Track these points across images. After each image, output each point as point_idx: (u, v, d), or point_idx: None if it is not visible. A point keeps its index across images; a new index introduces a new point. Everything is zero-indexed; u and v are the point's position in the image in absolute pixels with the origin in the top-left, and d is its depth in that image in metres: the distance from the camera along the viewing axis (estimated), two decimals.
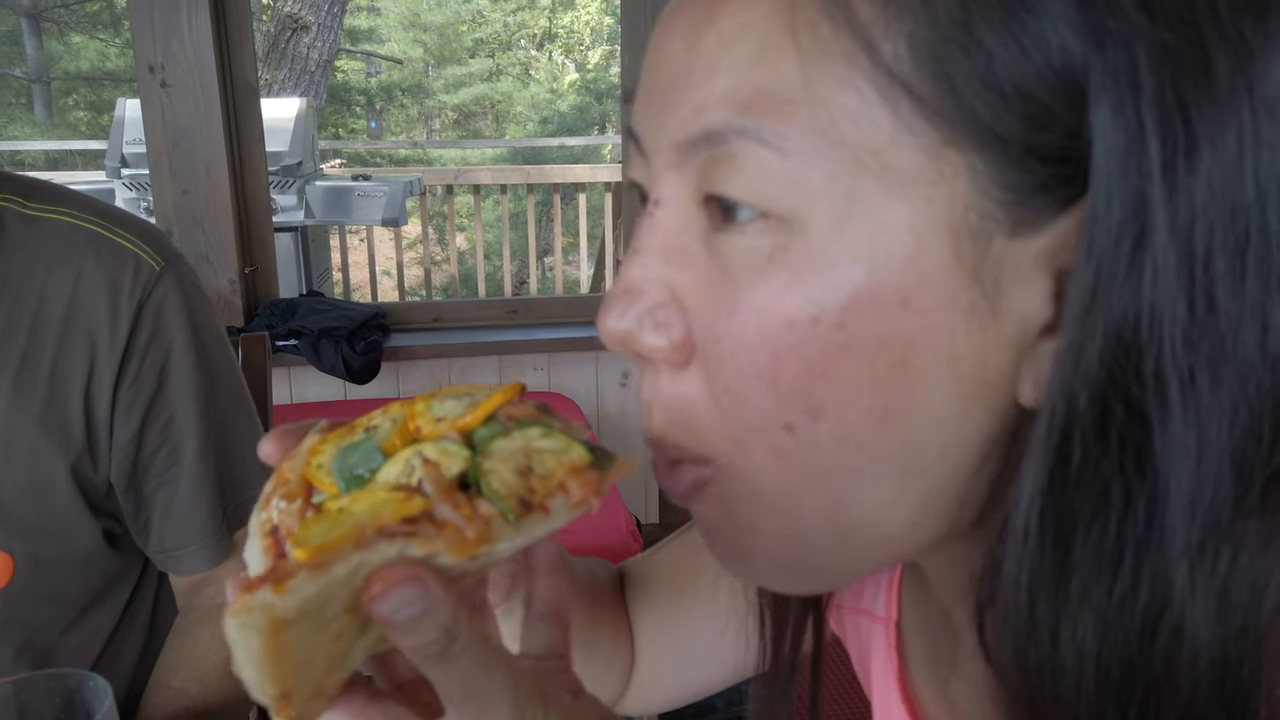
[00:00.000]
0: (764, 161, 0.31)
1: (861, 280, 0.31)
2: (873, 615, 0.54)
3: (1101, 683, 0.31)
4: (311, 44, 5.96)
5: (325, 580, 0.31)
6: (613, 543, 1.92)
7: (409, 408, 0.38)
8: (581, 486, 0.36)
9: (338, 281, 5.02)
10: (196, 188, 2.62)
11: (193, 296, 0.95)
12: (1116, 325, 0.29)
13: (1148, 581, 0.30)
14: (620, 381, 3.03)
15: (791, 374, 0.32)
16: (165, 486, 0.92)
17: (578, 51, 11.12)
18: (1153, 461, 0.29)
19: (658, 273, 0.35)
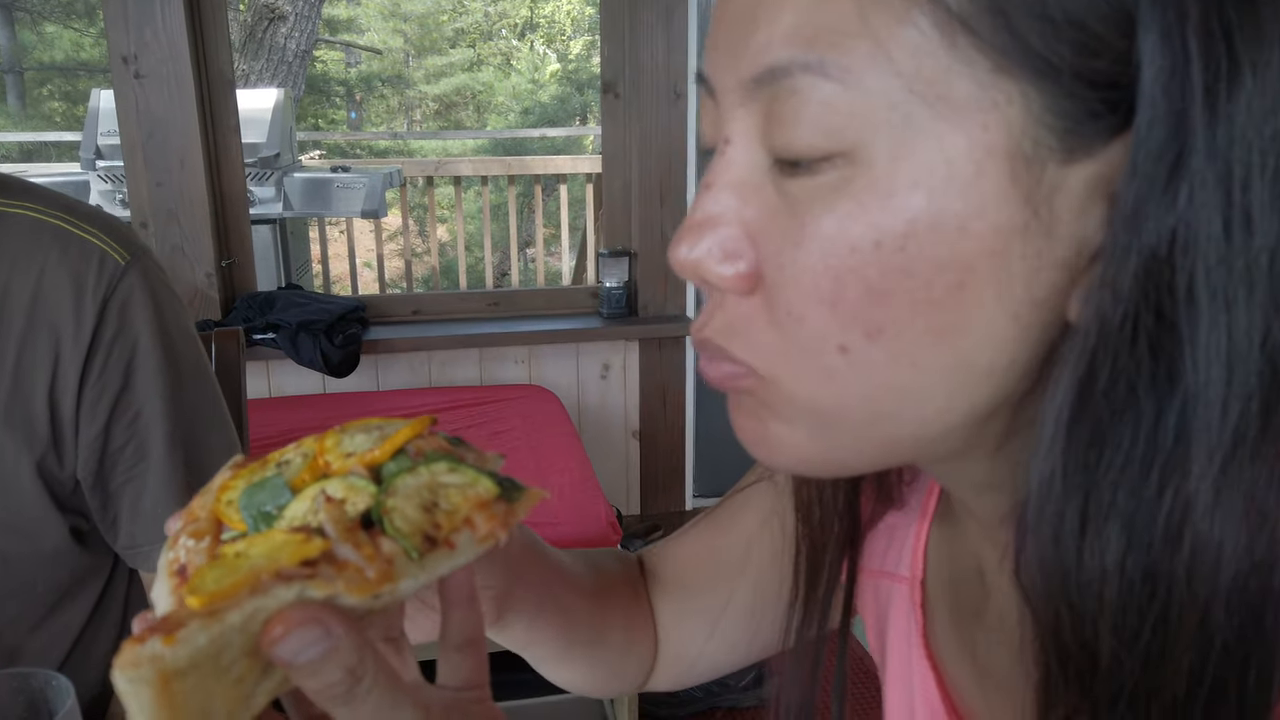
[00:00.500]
0: (827, 95, 0.32)
1: (922, 206, 0.32)
2: (895, 576, 0.55)
3: (1123, 593, 0.32)
4: (289, 34, 5.90)
5: (219, 628, 0.31)
6: (593, 534, 1.92)
7: (319, 442, 0.38)
8: (488, 521, 0.36)
9: (317, 274, 4.99)
10: (171, 180, 2.60)
11: (159, 291, 0.94)
12: (1154, 242, 0.30)
13: (1173, 491, 0.31)
14: (601, 373, 3.03)
15: (852, 296, 0.33)
16: (133, 483, 0.92)
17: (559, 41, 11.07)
18: (1183, 374, 0.30)
19: (729, 206, 0.36)
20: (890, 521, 0.56)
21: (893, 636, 0.55)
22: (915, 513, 0.54)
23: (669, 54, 2.84)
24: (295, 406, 2.59)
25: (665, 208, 2.94)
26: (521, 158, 6.21)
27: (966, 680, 0.49)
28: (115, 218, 0.97)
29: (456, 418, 2.52)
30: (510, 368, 2.95)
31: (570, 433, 2.45)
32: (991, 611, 0.48)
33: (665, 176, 2.92)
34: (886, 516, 0.56)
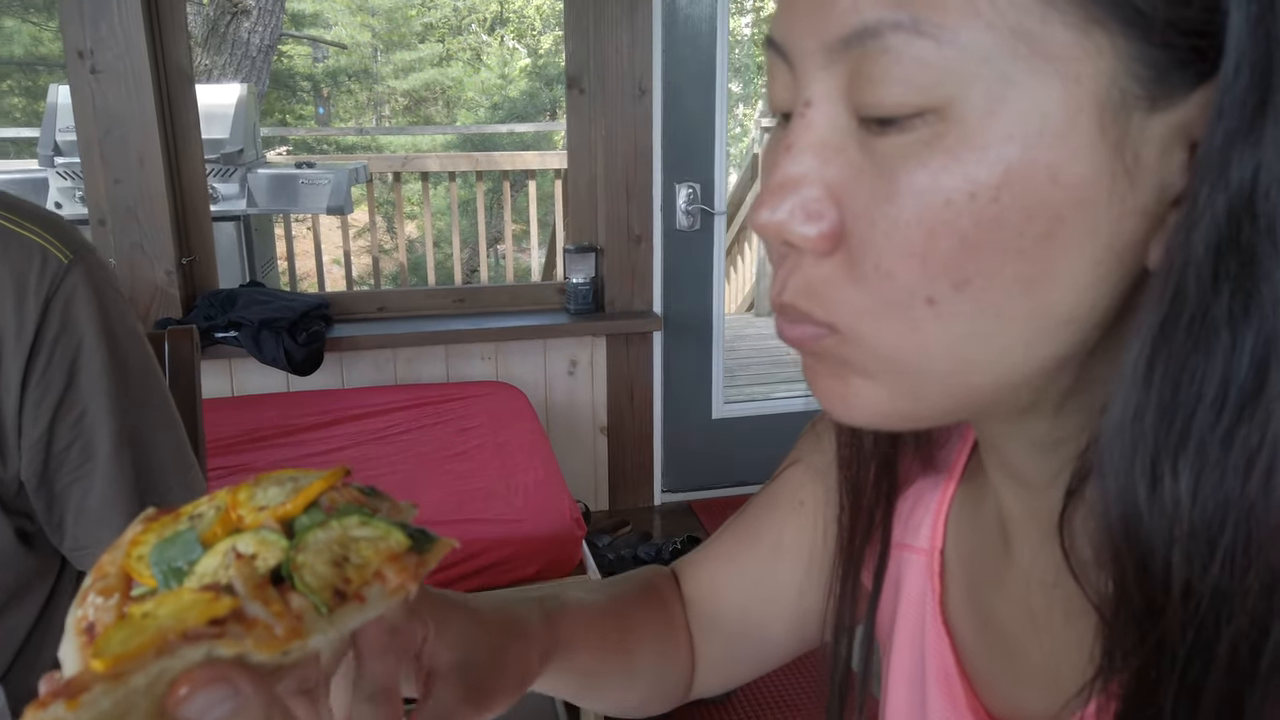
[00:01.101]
0: (920, 51, 0.32)
1: (1016, 156, 0.33)
2: (912, 547, 0.56)
3: (1197, 523, 0.33)
4: (253, 29, 5.83)
5: (124, 691, 0.31)
6: (557, 530, 1.92)
7: (232, 495, 0.38)
8: (399, 573, 0.36)
9: (284, 271, 4.94)
10: (130, 177, 2.57)
11: (103, 290, 0.93)
12: (1238, 183, 0.31)
13: (1248, 422, 0.32)
14: (568, 369, 3.03)
15: (944, 249, 0.34)
16: (79, 483, 0.91)
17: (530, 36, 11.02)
18: (1261, 309, 0.32)
19: (811, 167, 0.36)
20: (913, 492, 0.57)
21: (904, 606, 0.56)
22: (939, 483, 0.55)
23: (634, 50, 2.83)
24: (258, 405, 2.57)
25: (631, 203, 2.94)
26: (489, 153, 6.18)
27: (980, 647, 0.50)
28: (58, 216, 0.96)
29: (421, 415, 2.51)
30: (477, 364, 2.94)
31: (536, 429, 2.45)
32: (1012, 577, 0.49)
33: (631, 172, 2.92)
34: (913, 487, 0.57)
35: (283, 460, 2.26)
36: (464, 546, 1.75)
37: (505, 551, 1.86)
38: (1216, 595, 0.33)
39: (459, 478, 2.14)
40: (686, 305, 3.09)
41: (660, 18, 2.84)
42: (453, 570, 1.84)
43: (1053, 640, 0.46)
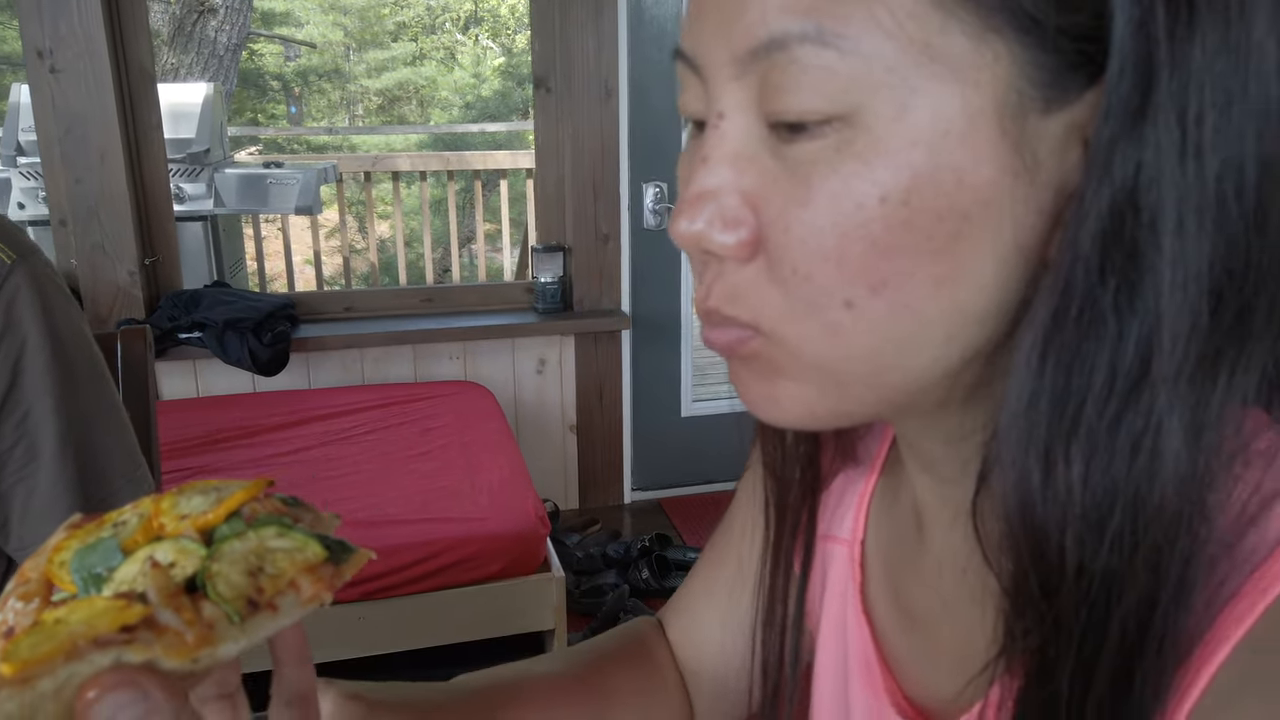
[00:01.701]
0: (826, 61, 0.34)
1: (922, 161, 0.34)
2: (836, 539, 0.58)
3: (1088, 506, 0.35)
4: (219, 27, 5.78)
5: (30, 695, 0.31)
6: (521, 528, 1.92)
7: (156, 504, 0.38)
8: (314, 583, 0.37)
9: (253, 272, 4.91)
10: (91, 177, 2.54)
11: (47, 291, 0.93)
12: (1123, 178, 0.33)
13: (1134, 408, 0.34)
14: (537, 368, 3.03)
15: (858, 252, 0.35)
16: (24, 483, 0.91)
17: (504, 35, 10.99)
18: (1144, 298, 0.33)
19: (726, 177, 0.37)
20: (838, 485, 0.59)
21: (829, 595, 0.57)
22: (861, 476, 0.57)
23: (600, 50, 2.84)
24: (223, 406, 2.56)
25: (599, 202, 2.95)
26: (461, 153, 6.17)
27: (898, 632, 0.52)
28: (3, 217, 0.95)
29: (387, 415, 2.51)
30: (445, 364, 2.94)
31: (503, 428, 2.45)
32: (926, 562, 0.50)
33: (598, 172, 2.92)
34: (838, 481, 0.59)
35: (247, 460, 2.25)
36: (429, 545, 1.75)
37: (469, 550, 1.86)
38: (1107, 575, 0.35)
39: (424, 477, 2.14)
40: (655, 304, 3.10)
41: (626, 19, 2.85)
42: (418, 568, 1.84)
43: (963, 623, 0.47)
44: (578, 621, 2.42)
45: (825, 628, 0.58)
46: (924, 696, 0.49)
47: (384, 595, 1.84)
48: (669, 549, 2.75)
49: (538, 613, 1.91)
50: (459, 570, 1.85)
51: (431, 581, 1.84)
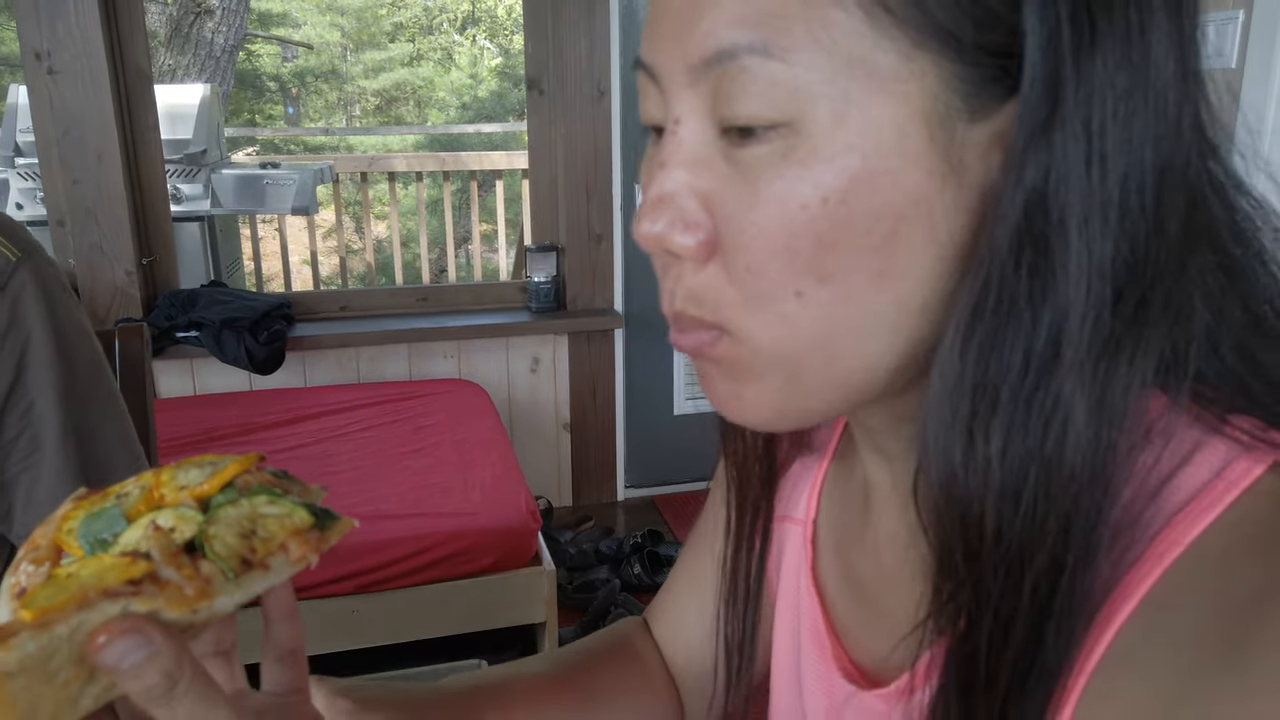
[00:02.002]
0: (772, 72, 0.37)
1: (858, 165, 0.37)
2: (792, 519, 0.61)
3: (1005, 478, 0.38)
4: (216, 28, 5.81)
5: (48, 637, 0.35)
6: (512, 523, 1.95)
7: (156, 477, 0.42)
8: (301, 545, 0.41)
9: (250, 272, 4.93)
10: (89, 177, 2.57)
11: (51, 288, 0.96)
12: (1035, 181, 0.36)
13: (1045, 388, 0.37)
14: (531, 367, 3.06)
15: (805, 247, 0.38)
16: (28, 472, 0.94)
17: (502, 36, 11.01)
18: (1055, 290, 0.37)
19: (683, 181, 0.40)
20: (795, 470, 0.63)
21: (785, 572, 0.61)
22: (816, 461, 0.61)
23: (592, 51, 2.87)
24: (220, 404, 2.58)
25: (592, 203, 2.98)
26: (457, 153, 6.19)
27: (846, 604, 0.56)
28: (7, 216, 0.99)
29: (382, 413, 2.54)
30: (439, 363, 2.97)
31: (496, 425, 2.48)
32: (872, 536, 0.54)
33: (591, 172, 2.95)
34: (796, 466, 0.63)
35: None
36: (421, 539, 1.79)
37: (461, 544, 1.89)
38: (1022, 541, 0.38)
39: (417, 473, 2.17)
40: (647, 303, 3.13)
41: (618, 20, 2.88)
42: (411, 562, 1.87)
43: (905, 594, 0.51)
44: (570, 616, 2.45)
45: (781, 603, 0.62)
46: (868, 661, 0.53)
47: (377, 589, 1.87)
48: (661, 545, 2.79)
49: (529, 606, 1.94)
50: (451, 564, 1.88)
51: (424, 575, 1.88)
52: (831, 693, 0.54)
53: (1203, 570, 0.37)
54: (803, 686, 0.58)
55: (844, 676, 0.53)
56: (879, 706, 0.50)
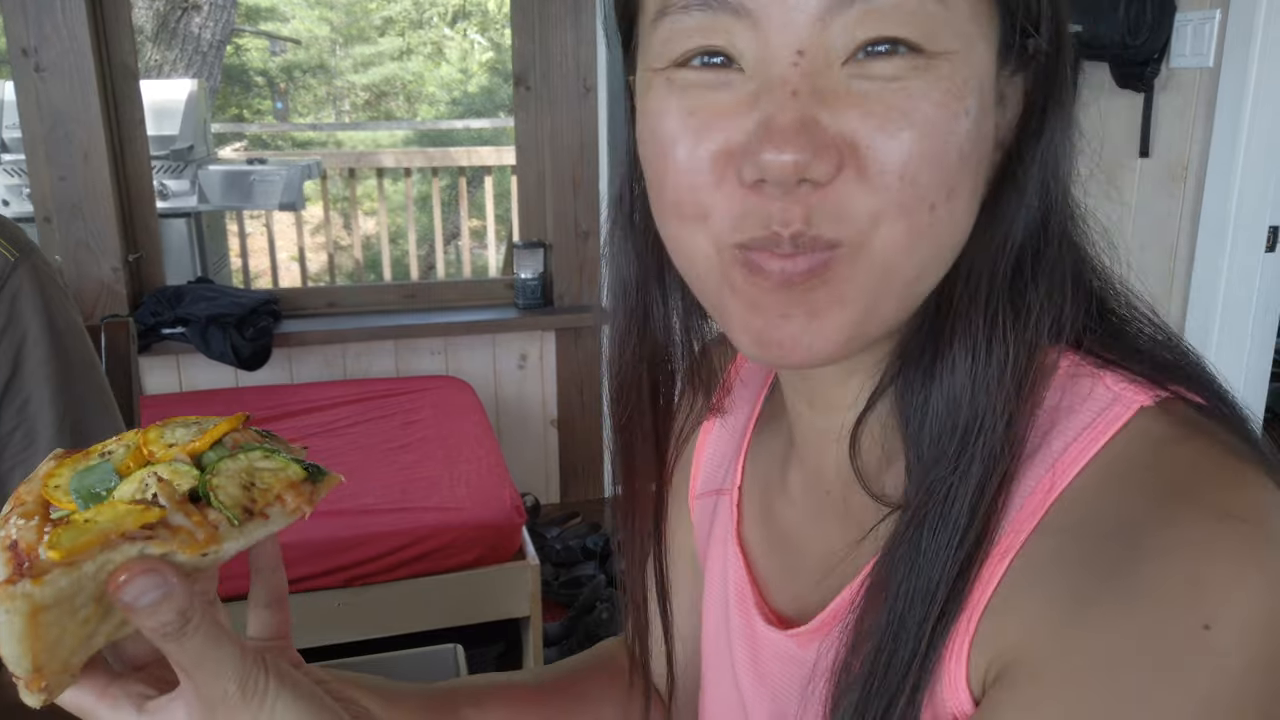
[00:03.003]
0: (930, 10, 0.41)
1: (977, 92, 0.43)
2: (722, 490, 0.65)
3: (954, 405, 0.45)
4: (203, 24, 5.80)
5: (76, 575, 0.39)
6: (496, 517, 1.97)
7: (142, 435, 0.45)
8: (295, 497, 0.44)
9: (238, 269, 4.93)
10: (75, 174, 2.58)
11: (47, 287, 0.98)
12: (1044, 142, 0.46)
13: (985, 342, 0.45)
14: (518, 364, 3.07)
15: (952, 159, 0.42)
16: (22, 465, 0.96)
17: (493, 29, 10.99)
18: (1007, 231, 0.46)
19: (815, 110, 0.42)
20: (712, 443, 0.67)
21: (714, 537, 0.65)
22: (739, 434, 0.65)
23: (578, 47, 2.89)
24: (206, 401, 2.59)
25: (579, 199, 2.99)
26: (445, 149, 6.20)
27: (768, 555, 0.60)
28: (4, 218, 1.01)
29: (368, 409, 2.55)
30: (426, 359, 2.98)
31: (481, 421, 2.50)
32: (796, 491, 0.58)
33: (578, 168, 2.97)
34: (715, 442, 0.67)
35: None
36: (407, 533, 1.81)
37: (446, 538, 1.91)
38: (950, 482, 0.45)
39: (403, 468, 2.19)
40: None
41: (604, 17, 2.89)
42: (396, 556, 1.89)
43: (823, 537, 0.55)
44: (556, 612, 2.47)
45: (710, 570, 0.65)
46: (789, 606, 0.57)
47: (363, 582, 1.88)
48: None
49: (514, 600, 1.96)
50: (436, 558, 1.90)
51: (410, 569, 1.89)
52: (754, 640, 0.58)
53: (1085, 500, 0.43)
54: (731, 641, 0.60)
55: (765, 622, 0.57)
56: (792, 647, 0.54)
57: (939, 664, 0.44)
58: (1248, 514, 0.39)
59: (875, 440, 0.51)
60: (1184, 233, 2.18)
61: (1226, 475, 0.41)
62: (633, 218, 0.56)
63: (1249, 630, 0.37)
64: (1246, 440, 0.44)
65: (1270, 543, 0.39)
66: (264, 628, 0.51)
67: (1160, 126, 2.20)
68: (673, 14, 0.44)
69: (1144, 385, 0.46)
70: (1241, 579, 0.38)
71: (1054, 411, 0.46)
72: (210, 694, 0.42)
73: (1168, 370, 0.47)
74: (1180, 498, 0.40)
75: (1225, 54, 2.05)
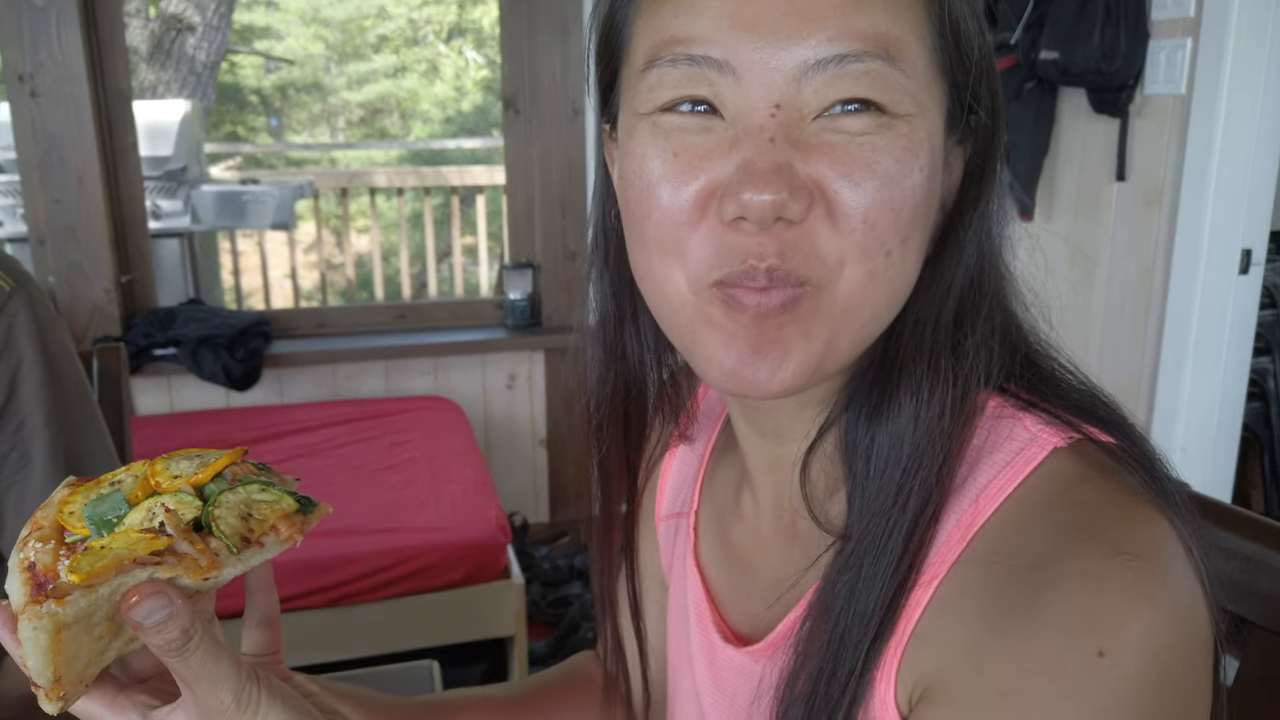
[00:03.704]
0: (894, 79, 0.46)
1: (929, 153, 0.48)
2: (682, 514, 0.69)
3: (897, 443, 0.49)
4: (198, 45, 5.85)
5: (93, 596, 0.44)
6: (482, 536, 2.00)
7: (149, 467, 0.50)
8: (288, 527, 0.49)
9: (230, 288, 4.96)
10: (69, 197, 2.61)
11: (42, 315, 1.02)
12: (982, 205, 0.52)
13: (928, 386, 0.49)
14: (507, 384, 3.10)
15: (907, 209, 0.47)
16: (17, 486, 1.00)
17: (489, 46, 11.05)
18: (945, 290, 0.51)
19: (789, 155, 0.46)
20: (676, 469, 0.71)
21: (676, 556, 0.69)
22: (696, 460, 0.69)
23: (566, 72, 2.93)
24: (197, 422, 2.62)
25: (567, 220, 3.03)
26: (437, 168, 6.23)
27: (723, 575, 0.63)
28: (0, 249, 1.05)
29: (357, 429, 2.58)
30: (416, 379, 3.01)
31: (469, 441, 2.52)
32: (749, 516, 0.62)
33: (566, 190, 3.01)
34: (679, 466, 0.71)
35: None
36: (393, 553, 1.83)
37: (432, 558, 1.94)
38: (882, 515, 0.49)
39: (391, 488, 2.22)
40: None
41: (591, 43, 2.93)
42: (382, 575, 1.91)
43: (775, 559, 0.59)
44: (543, 631, 2.49)
45: (673, 590, 0.69)
46: (744, 624, 0.61)
47: (349, 602, 1.91)
48: None
49: (499, 619, 1.98)
50: (422, 577, 1.93)
51: (396, 588, 1.92)
52: (713, 656, 0.61)
53: (1001, 534, 0.46)
54: (692, 655, 0.64)
55: (721, 638, 0.60)
56: (747, 662, 0.58)
57: (871, 683, 0.48)
58: (1142, 550, 0.43)
59: (821, 470, 0.55)
60: (1159, 255, 2.22)
61: (1124, 513, 0.45)
62: (608, 258, 0.60)
63: (1140, 657, 0.41)
64: (1155, 478, 0.48)
65: (1160, 577, 0.42)
66: (257, 645, 0.55)
67: (1136, 151, 2.25)
68: (660, 66, 0.48)
69: (1060, 428, 0.49)
70: (1133, 611, 0.41)
71: (979, 450, 0.50)
72: (208, 704, 0.47)
73: (1083, 413, 0.51)
74: (1081, 534, 0.44)
75: (1197, 81, 2.09)
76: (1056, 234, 2.42)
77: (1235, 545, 0.68)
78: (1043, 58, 2.22)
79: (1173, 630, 0.42)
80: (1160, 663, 0.41)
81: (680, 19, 0.47)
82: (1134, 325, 2.27)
